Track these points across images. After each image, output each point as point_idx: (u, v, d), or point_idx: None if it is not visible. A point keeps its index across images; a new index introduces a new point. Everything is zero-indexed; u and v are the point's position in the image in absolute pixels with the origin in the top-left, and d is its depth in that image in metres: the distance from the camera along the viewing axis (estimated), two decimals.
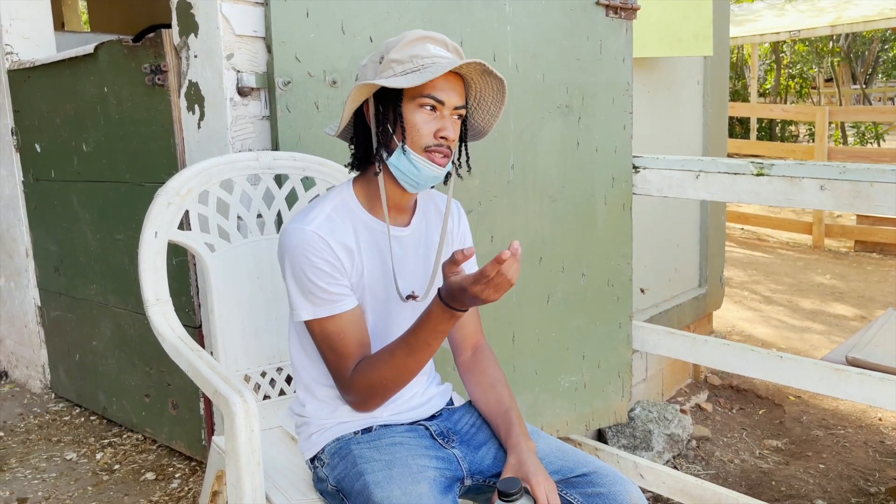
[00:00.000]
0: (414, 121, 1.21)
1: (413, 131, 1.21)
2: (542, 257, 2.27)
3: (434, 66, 1.19)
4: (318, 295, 1.22)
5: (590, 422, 2.52)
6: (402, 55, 1.20)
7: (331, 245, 1.22)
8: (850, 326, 4.57)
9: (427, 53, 1.20)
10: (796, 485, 2.79)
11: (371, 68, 1.25)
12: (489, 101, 1.31)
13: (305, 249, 1.21)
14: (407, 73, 1.20)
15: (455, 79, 1.22)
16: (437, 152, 1.22)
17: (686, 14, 3.02)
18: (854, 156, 7.08)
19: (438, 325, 1.16)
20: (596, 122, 2.35)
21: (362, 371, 1.23)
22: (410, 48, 1.21)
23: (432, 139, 1.21)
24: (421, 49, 1.21)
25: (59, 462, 2.28)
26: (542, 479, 1.18)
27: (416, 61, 1.20)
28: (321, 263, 1.21)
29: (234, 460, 1.22)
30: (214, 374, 1.29)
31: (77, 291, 2.51)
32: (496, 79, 1.25)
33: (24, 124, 2.57)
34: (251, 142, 1.77)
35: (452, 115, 1.23)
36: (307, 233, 1.21)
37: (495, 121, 1.34)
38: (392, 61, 1.21)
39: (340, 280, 1.23)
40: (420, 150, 1.21)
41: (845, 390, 2.05)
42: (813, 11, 9.53)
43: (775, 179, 2.04)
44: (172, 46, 1.83)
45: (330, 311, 1.23)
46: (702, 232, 3.64)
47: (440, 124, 1.21)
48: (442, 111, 1.21)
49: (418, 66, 1.20)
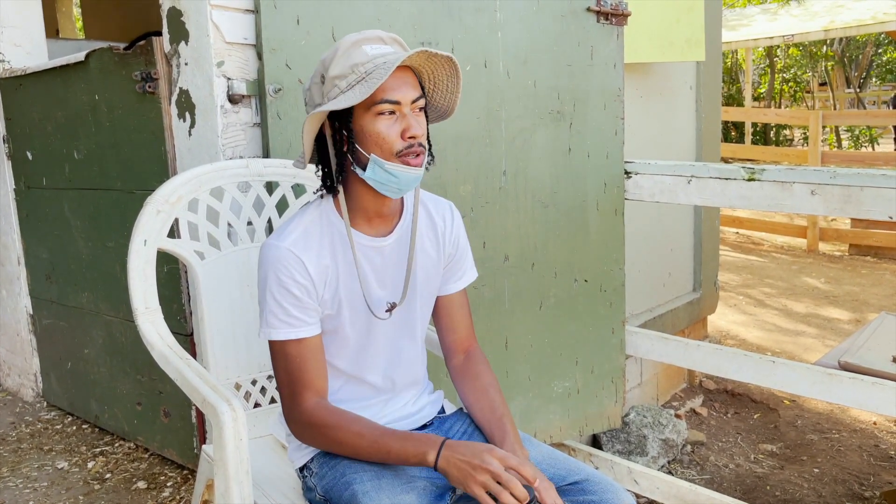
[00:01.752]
0: (377, 130, 1.17)
1: (379, 140, 1.18)
2: (535, 263, 2.27)
3: (376, 70, 1.15)
4: (279, 316, 1.21)
5: (583, 427, 2.51)
6: (341, 69, 1.16)
7: (304, 263, 1.21)
8: (844, 330, 4.57)
9: (365, 58, 1.16)
10: (791, 489, 2.79)
11: (316, 91, 1.22)
12: (444, 80, 1.26)
13: (277, 268, 1.20)
14: (352, 85, 1.16)
15: (404, 72, 1.18)
16: (409, 154, 1.18)
17: (678, 19, 3.03)
18: (848, 159, 7.11)
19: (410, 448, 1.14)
20: (588, 127, 2.35)
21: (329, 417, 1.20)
22: (347, 58, 1.16)
23: (401, 142, 1.18)
24: (358, 55, 1.16)
25: (51, 471, 2.27)
26: (546, 483, 1.17)
27: (357, 70, 1.16)
28: (290, 284, 1.20)
29: (222, 469, 1.21)
30: (203, 382, 1.28)
31: (69, 299, 2.50)
32: (443, 58, 1.20)
33: (16, 132, 2.56)
34: (242, 149, 1.76)
35: (413, 109, 1.19)
36: (281, 250, 1.20)
37: (457, 98, 1.29)
38: (334, 78, 1.17)
39: (306, 304, 1.22)
40: (392, 157, 1.18)
41: (838, 395, 2.05)
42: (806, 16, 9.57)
43: (766, 184, 2.04)
44: (163, 54, 1.83)
45: (286, 335, 1.21)
46: (696, 236, 3.65)
47: (404, 124, 1.17)
48: (401, 110, 1.17)
49: (361, 76, 1.16)
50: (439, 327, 1.45)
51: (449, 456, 1.12)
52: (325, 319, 1.27)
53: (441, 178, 2.00)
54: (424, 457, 1.13)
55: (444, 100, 1.30)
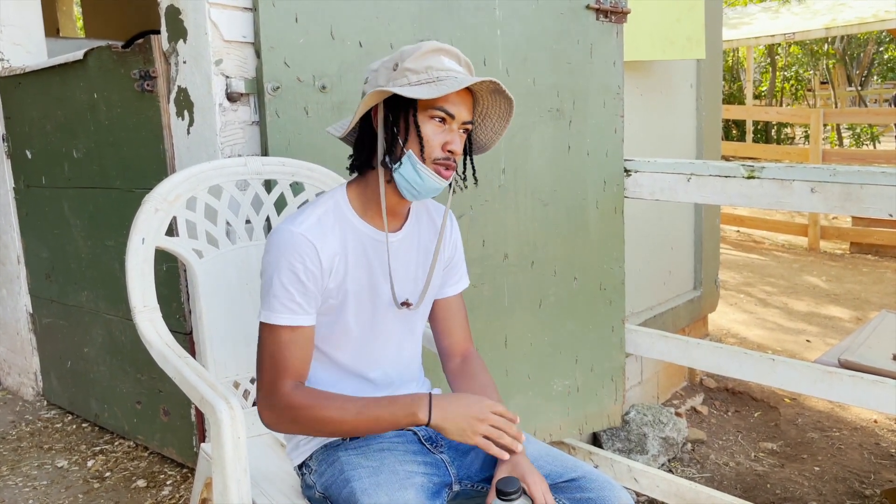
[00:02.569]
0: (424, 132, 1.21)
1: (423, 142, 1.21)
2: (534, 261, 2.27)
3: (449, 79, 1.20)
4: (282, 300, 1.21)
5: (583, 426, 2.51)
6: (417, 65, 1.21)
7: (317, 249, 1.22)
8: (845, 328, 4.57)
9: (441, 66, 1.22)
10: (791, 487, 2.78)
11: (384, 74, 1.25)
12: (494, 118, 1.33)
13: (289, 252, 1.20)
14: (422, 83, 1.20)
15: (465, 94, 1.23)
16: (443, 165, 1.23)
17: (678, 17, 3.02)
18: (849, 158, 7.09)
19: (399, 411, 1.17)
20: (587, 125, 2.35)
21: (308, 397, 1.20)
22: (426, 59, 1.21)
23: (440, 152, 1.22)
24: (436, 61, 1.22)
25: (51, 470, 2.27)
26: (537, 478, 1.19)
27: (430, 72, 1.21)
28: (299, 269, 1.20)
29: (220, 467, 1.21)
30: (201, 380, 1.28)
31: (68, 298, 2.50)
32: (506, 98, 1.27)
33: (15, 131, 2.56)
34: (240, 147, 1.76)
35: (460, 129, 1.24)
36: (295, 235, 1.21)
37: (499, 137, 1.35)
38: (407, 70, 1.21)
39: (311, 292, 1.22)
40: (428, 161, 1.22)
41: (838, 393, 2.05)
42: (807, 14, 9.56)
43: (766, 182, 2.04)
44: (161, 52, 1.83)
45: (286, 321, 1.21)
46: (696, 234, 3.64)
47: (448, 137, 1.22)
48: (451, 124, 1.22)
49: (433, 78, 1.20)
50: (436, 331, 1.46)
51: (442, 414, 1.16)
52: (327, 310, 1.27)
53: None
54: (415, 417, 1.16)
55: (486, 136, 1.35)
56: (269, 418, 1.23)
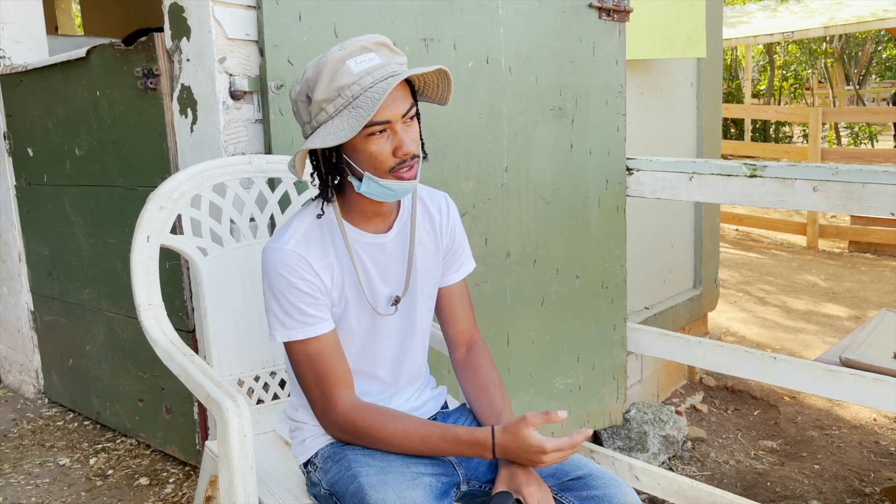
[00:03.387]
0: (369, 150, 1.16)
1: (372, 159, 1.17)
2: (536, 259, 2.27)
3: (363, 94, 1.12)
4: (294, 316, 1.21)
5: (585, 424, 2.52)
6: (327, 93, 1.13)
7: (310, 263, 1.21)
8: (844, 327, 4.58)
9: (350, 79, 1.12)
10: (791, 485, 2.79)
11: (303, 109, 1.19)
12: (436, 81, 1.24)
13: (284, 269, 1.20)
14: (339, 110, 1.13)
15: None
16: (401, 168, 1.18)
17: (679, 16, 3.03)
18: (848, 156, 7.11)
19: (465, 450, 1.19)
20: (589, 124, 2.35)
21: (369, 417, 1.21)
22: (332, 80, 1.13)
23: (393, 159, 1.17)
24: (342, 76, 1.12)
25: (53, 467, 2.27)
26: (534, 489, 1.18)
27: (344, 94, 1.13)
28: (300, 283, 1.20)
29: (226, 465, 1.21)
30: (207, 378, 1.28)
31: (70, 296, 2.50)
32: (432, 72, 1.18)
33: (17, 128, 2.56)
34: (244, 145, 1.76)
35: (405, 121, 1.17)
36: (286, 252, 1.20)
37: (449, 95, 1.26)
38: (320, 102, 1.14)
39: (320, 300, 1.22)
40: (385, 173, 1.18)
41: (839, 391, 2.06)
42: (805, 13, 9.57)
43: (768, 181, 2.04)
44: (164, 50, 1.83)
45: (305, 334, 1.21)
46: (696, 233, 3.65)
47: (395, 142, 1.16)
48: (393, 128, 1.16)
49: (348, 100, 1.13)
50: (441, 320, 1.45)
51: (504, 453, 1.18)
52: (332, 316, 1.27)
53: (443, 175, 2.00)
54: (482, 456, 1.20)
55: (436, 96, 1.27)
56: (332, 433, 1.26)
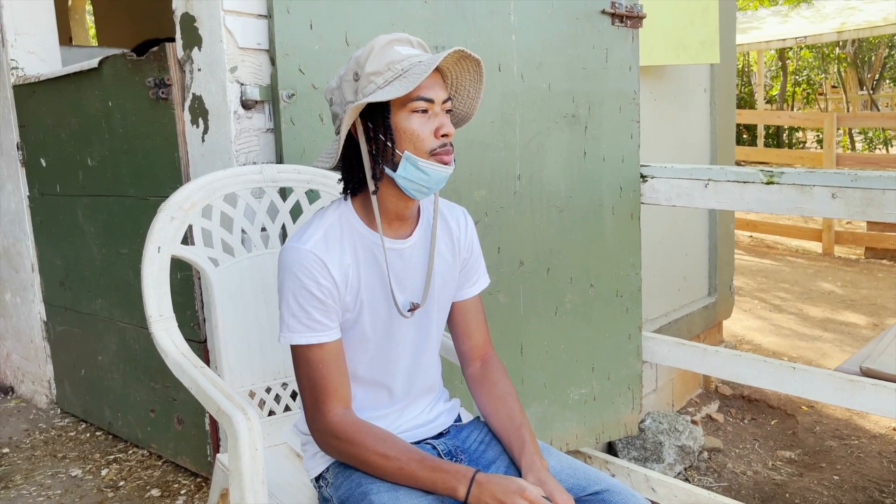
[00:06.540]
0: (412, 127, 1.18)
1: (414, 138, 1.18)
2: (550, 268, 2.25)
3: (413, 67, 1.16)
4: (301, 319, 1.19)
5: (600, 434, 2.48)
6: (378, 66, 1.17)
7: (327, 265, 1.20)
8: (862, 335, 4.52)
9: (400, 57, 1.17)
10: (810, 497, 2.74)
11: (348, 88, 1.21)
12: (467, 86, 1.28)
13: (299, 270, 1.18)
14: (389, 81, 1.17)
15: (433, 73, 1.20)
16: (441, 152, 1.19)
17: (692, 22, 3.00)
18: (864, 162, 7.04)
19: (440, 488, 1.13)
20: (603, 131, 2.33)
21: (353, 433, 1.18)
22: (382, 56, 1.17)
23: (434, 140, 1.19)
24: (392, 54, 1.18)
25: (65, 478, 2.26)
26: (564, 498, 1.15)
27: (394, 67, 1.17)
28: (312, 287, 1.19)
29: (237, 479, 1.19)
30: (217, 390, 1.26)
31: (82, 306, 2.50)
32: (473, 61, 1.23)
33: (30, 139, 2.57)
34: (255, 155, 1.75)
35: (443, 109, 1.20)
36: (303, 252, 1.19)
37: (477, 104, 1.31)
38: (370, 75, 1.17)
39: (330, 307, 1.21)
40: (425, 154, 1.19)
41: (861, 402, 2.02)
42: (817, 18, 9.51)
43: (785, 188, 2.01)
44: (176, 60, 1.83)
45: (308, 339, 1.20)
46: (710, 240, 3.61)
47: (437, 122, 1.19)
48: (433, 109, 1.19)
49: (398, 73, 1.16)
50: (455, 334, 1.43)
51: (480, 494, 1.10)
52: (345, 322, 1.26)
53: (455, 183, 1.98)
54: (454, 491, 1.12)
55: (464, 105, 1.31)
56: (316, 440, 1.23)
